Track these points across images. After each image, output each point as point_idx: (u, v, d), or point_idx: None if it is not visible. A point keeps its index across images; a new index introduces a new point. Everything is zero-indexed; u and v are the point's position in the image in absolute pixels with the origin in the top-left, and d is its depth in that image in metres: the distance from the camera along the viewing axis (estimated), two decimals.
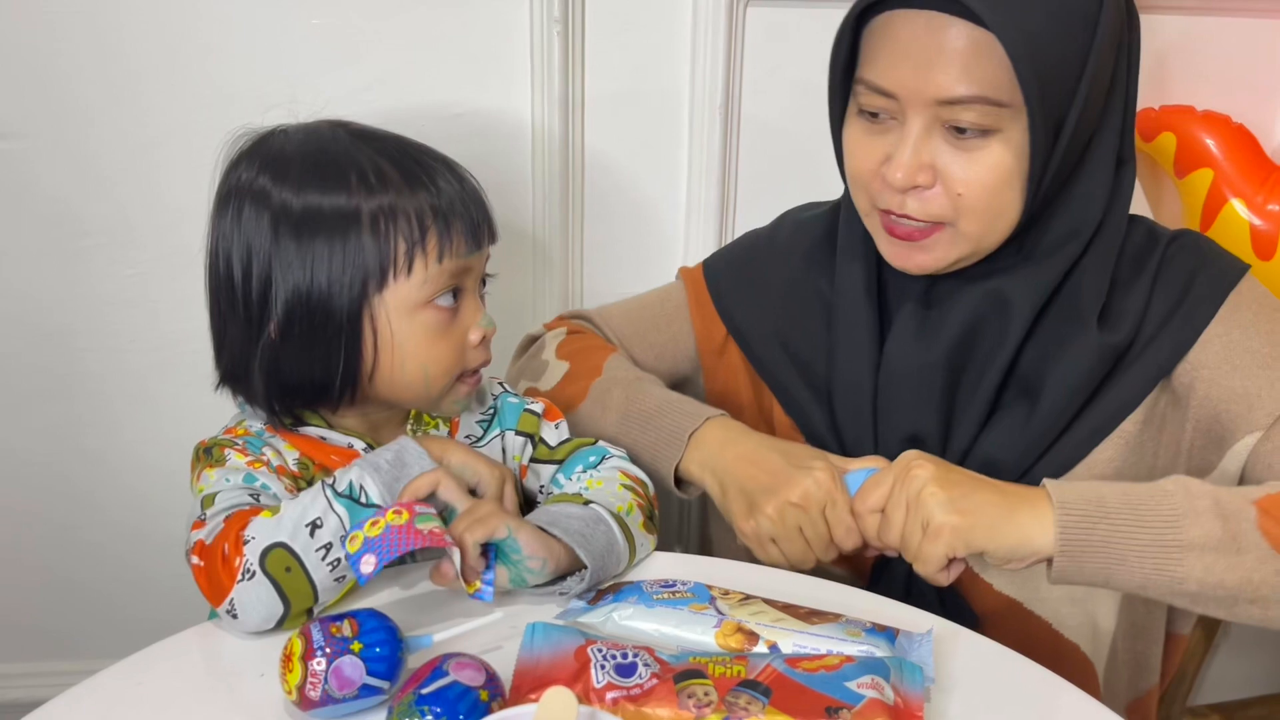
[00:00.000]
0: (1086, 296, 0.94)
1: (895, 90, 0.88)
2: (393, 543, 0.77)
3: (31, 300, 1.33)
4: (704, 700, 0.70)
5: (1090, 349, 0.93)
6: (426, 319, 0.89)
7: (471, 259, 0.91)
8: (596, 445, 0.99)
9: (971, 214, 0.90)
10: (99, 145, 1.27)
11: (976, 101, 0.86)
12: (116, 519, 1.42)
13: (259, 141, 0.91)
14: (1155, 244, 0.98)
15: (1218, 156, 1.39)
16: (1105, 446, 0.95)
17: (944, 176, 0.89)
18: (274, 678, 0.74)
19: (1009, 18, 0.83)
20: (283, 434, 0.93)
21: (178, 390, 1.38)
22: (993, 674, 0.80)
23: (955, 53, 0.85)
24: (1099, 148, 0.93)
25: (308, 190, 0.87)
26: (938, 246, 0.92)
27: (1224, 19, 1.43)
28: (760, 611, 0.81)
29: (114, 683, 0.78)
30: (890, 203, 0.91)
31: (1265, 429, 0.91)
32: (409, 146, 0.92)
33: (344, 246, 0.86)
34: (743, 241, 1.16)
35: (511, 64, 1.30)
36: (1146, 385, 0.95)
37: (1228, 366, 0.93)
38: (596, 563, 0.85)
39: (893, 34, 0.87)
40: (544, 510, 0.89)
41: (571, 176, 1.35)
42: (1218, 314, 0.94)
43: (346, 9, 1.26)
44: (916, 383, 0.97)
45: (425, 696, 0.68)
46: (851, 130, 0.94)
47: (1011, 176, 0.89)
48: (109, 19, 1.23)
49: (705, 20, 1.30)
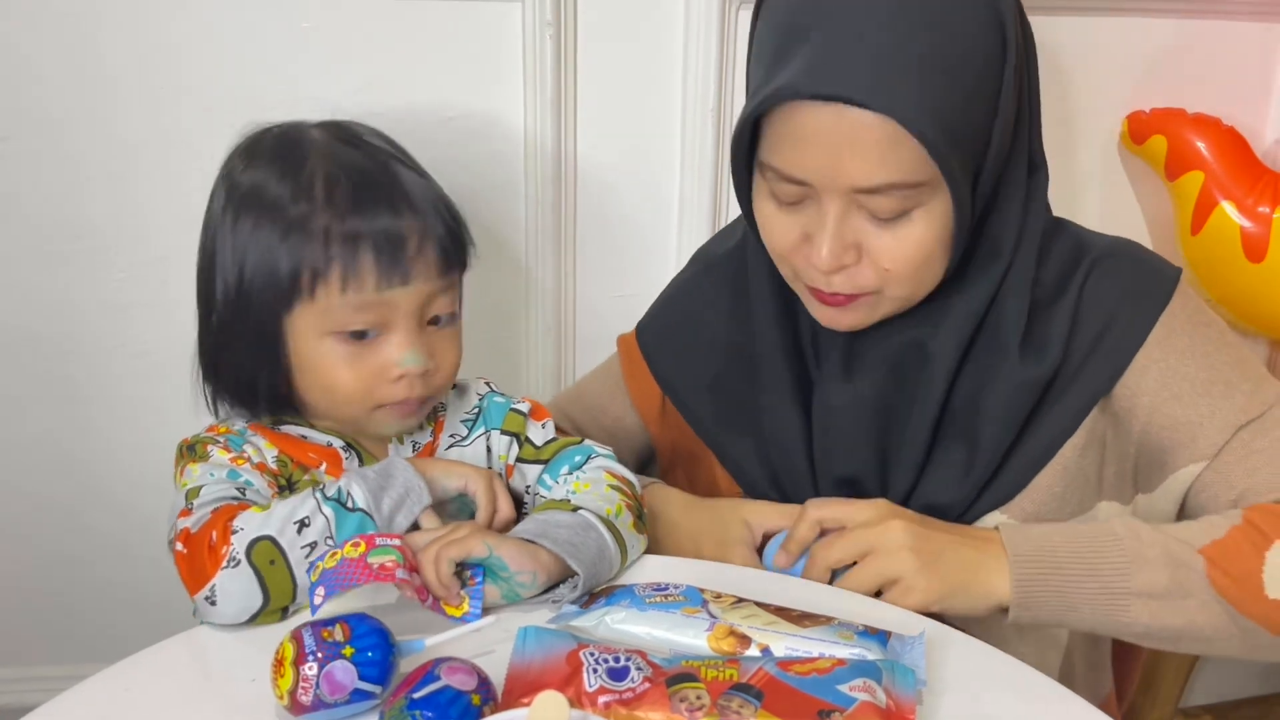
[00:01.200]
0: (1008, 324, 0.92)
1: (808, 179, 0.85)
2: (343, 577, 0.77)
3: (13, 305, 1.33)
4: (696, 704, 0.70)
5: (1015, 383, 0.92)
6: (333, 347, 0.88)
7: (391, 295, 0.87)
8: (583, 444, 0.99)
9: (899, 283, 0.89)
10: (83, 149, 1.27)
11: (894, 189, 0.83)
12: (101, 524, 1.42)
13: (259, 131, 0.94)
14: (1080, 259, 0.95)
15: (1209, 159, 1.40)
16: (1045, 474, 0.94)
17: (869, 253, 0.87)
18: (265, 682, 0.74)
19: (922, 111, 0.81)
20: (263, 432, 0.93)
21: (161, 396, 1.37)
22: (985, 676, 0.80)
23: (867, 144, 0.82)
24: (1013, 170, 0.91)
25: (258, 170, 0.90)
26: (862, 309, 0.91)
27: (1214, 22, 1.44)
28: (753, 615, 0.81)
29: (103, 688, 0.77)
30: (816, 281, 0.89)
31: (1209, 458, 0.91)
32: (379, 168, 0.90)
33: (268, 243, 0.87)
34: (667, 293, 1.13)
35: (504, 67, 1.30)
36: (1081, 412, 0.93)
37: (1167, 394, 0.92)
38: (588, 570, 0.85)
39: (799, 124, 0.83)
40: (532, 520, 0.89)
41: (564, 179, 1.35)
42: (1151, 335, 0.92)
43: (336, 13, 1.26)
44: (850, 424, 0.96)
45: (417, 701, 0.68)
46: (764, 208, 0.91)
47: (937, 243, 0.87)
48: (93, 23, 1.23)
49: (697, 23, 1.30)
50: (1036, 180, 0.94)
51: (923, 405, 0.94)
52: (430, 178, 0.94)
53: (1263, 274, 1.39)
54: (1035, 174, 0.93)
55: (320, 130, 0.93)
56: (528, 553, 0.83)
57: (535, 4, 1.26)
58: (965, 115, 0.84)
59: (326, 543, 0.82)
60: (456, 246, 0.92)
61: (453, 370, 0.94)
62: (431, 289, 0.90)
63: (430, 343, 0.91)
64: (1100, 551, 0.86)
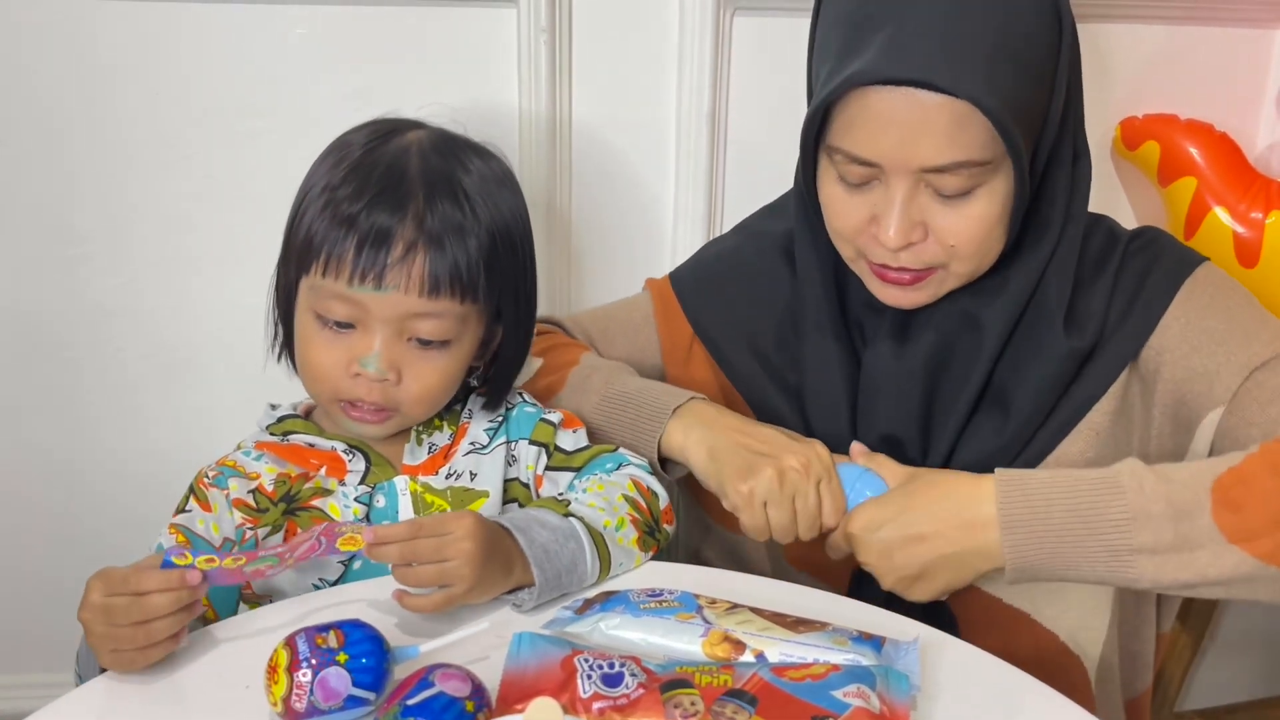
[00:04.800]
0: (1052, 301, 0.96)
1: (879, 160, 0.89)
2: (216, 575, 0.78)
3: (7, 309, 1.33)
4: (690, 710, 0.70)
5: (1058, 355, 0.95)
6: (314, 324, 0.91)
7: (364, 295, 0.88)
8: (616, 453, 0.99)
9: (964, 259, 0.92)
10: (77, 155, 1.27)
11: (962, 167, 0.88)
12: (97, 531, 1.42)
13: (394, 118, 0.98)
14: (1115, 244, 1.00)
15: (1201, 165, 1.40)
16: (1075, 439, 0.97)
17: (935, 230, 0.91)
18: (259, 689, 0.74)
19: (990, 90, 0.85)
20: (272, 449, 0.95)
21: (158, 402, 1.37)
22: (978, 682, 0.81)
23: (938, 125, 0.86)
24: (1061, 150, 0.95)
25: (348, 138, 0.94)
26: (930, 286, 0.95)
27: (1207, 28, 1.44)
28: (747, 620, 0.81)
29: (99, 695, 0.77)
30: (883, 258, 0.93)
31: (1225, 403, 0.92)
32: (428, 175, 0.90)
33: (307, 206, 0.90)
34: (708, 251, 1.17)
35: (499, 73, 1.30)
36: (1110, 376, 0.97)
37: (1187, 347, 0.94)
38: (549, 581, 0.85)
39: (872, 108, 0.87)
40: (522, 512, 0.90)
41: (559, 184, 1.35)
42: (1175, 299, 0.95)
43: (330, 19, 1.26)
44: (896, 391, 0.98)
45: (411, 708, 0.68)
46: (832, 191, 0.94)
47: (998, 221, 0.91)
48: (88, 29, 1.22)
49: (692, 29, 1.30)
50: (1080, 167, 0.97)
51: (970, 377, 0.97)
52: (495, 216, 0.92)
53: (1255, 279, 1.39)
54: (1079, 161, 0.97)
55: (413, 125, 0.95)
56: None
57: (530, 10, 1.26)
58: (1027, 95, 0.88)
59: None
60: (455, 278, 0.89)
61: (424, 394, 0.93)
62: (412, 306, 0.88)
63: (403, 357, 0.91)
64: (1100, 508, 0.85)
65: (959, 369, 0.98)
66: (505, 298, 0.94)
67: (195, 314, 1.34)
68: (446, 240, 0.89)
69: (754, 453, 0.95)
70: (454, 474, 0.97)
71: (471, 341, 0.94)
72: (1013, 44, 0.87)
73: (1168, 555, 0.84)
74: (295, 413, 0.99)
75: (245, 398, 1.05)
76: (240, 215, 1.30)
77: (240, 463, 0.95)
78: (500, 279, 0.92)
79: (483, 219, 0.91)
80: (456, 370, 0.94)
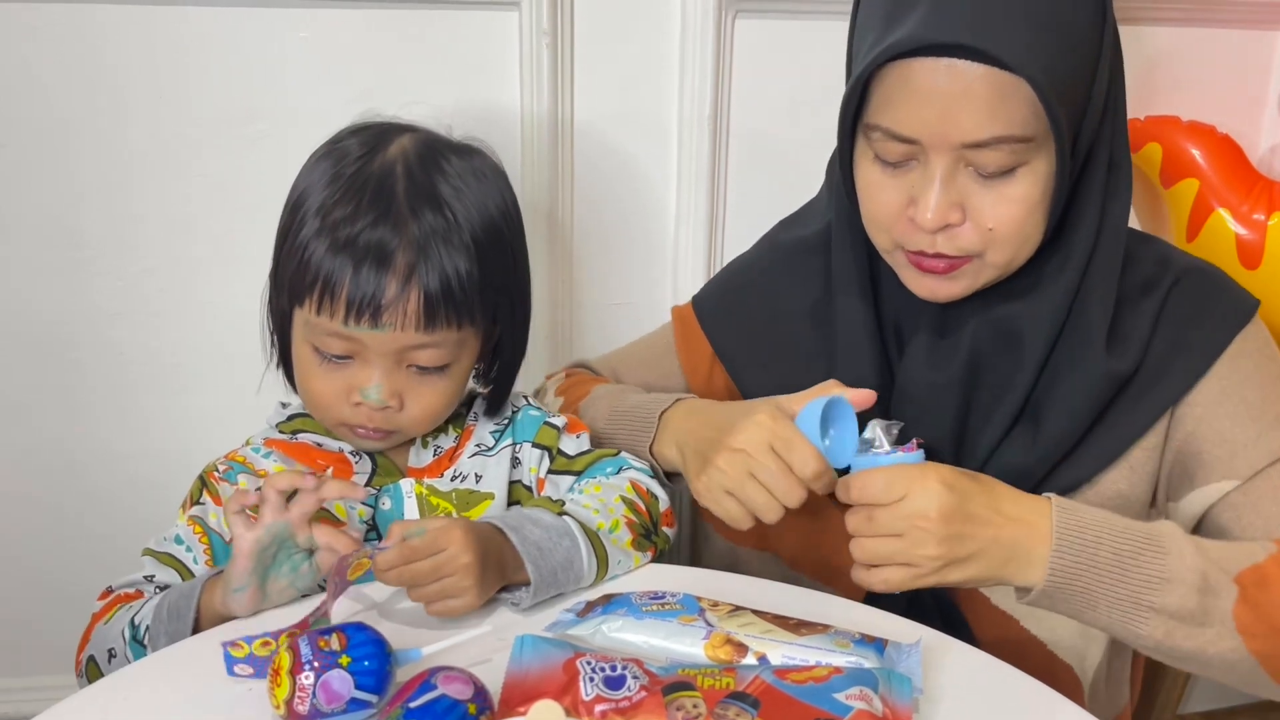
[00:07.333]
0: (1094, 317, 0.94)
1: (918, 136, 0.87)
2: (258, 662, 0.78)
3: (11, 313, 1.33)
4: (693, 712, 0.70)
5: (1097, 375, 0.93)
6: (312, 355, 0.91)
7: (360, 333, 0.87)
8: (618, 456, 0.99)
9: (1001, 245, 0.90)
10: (80, 158, 1.27)
11: (1003, 142, 0.86)
12: (100, 533, 1.42)
13: (375, 121, 0.97)
14: (1168, 268, 0.98)
15: (1203, 167, 1.40)
16: (1116, 472, 0.96)
17: (973, 213, 0.89)
18: (262, 692, 0.74)
19: (1032, 58, 0.83)
20: (280, 446, 0.96)
21: (161, 404, 1.37)
22: (981, 685, 0.80)
23: (980, 97, 0.84)
24: (1097, 156, 0.94)
25: (339, 147, 0.93)
26: (965, 276, 0.92)
27: (1209, 30, 1.44)
28: (749, 623, 0.81)
29: (101, 697, 0.77)
30: (920, 244, 0.91)
31: (1243, 480, 0.92)
32: (415, 200, 0.88)
33: (299, 226, 0.89)
34: (731, 269, 1.16)
35: (500, 75, 1.30)
36: (1155, 416, 0.95)
37: (1220, 410, 0.93)
38: (544, 578, 0.86)
39: (911, 81, 0.86)
40: (514, 511, 0.90)
41: (560, 187, 1.35)
42: (1225, 352, 0.94)
43: (332, 22, 1.26)
44: (931, 403, 0.96)
45: (413, 710, 0.68)
46: (868, 172, 0.93)
47: (1038, 205, 0.89)
48: (91, 32, 1.22)
49: (694, 31, 1.30)
50: (1118, 176, 0.95)
51: (1008, 392, 0.95)
52: (478, 218, 0.90)
53: (1258, 280, 1.39)
54: (1116, 170, 0.95)
55: (403, 128, 0.94)
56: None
57: (532, 12, 1.26)
58: (1070, 72, 0.86)
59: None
60: (451, 306, 0.88)
61: (426, 415, 0.93)
62: (410, 340, 0.88)
63: (403, 384, 0.91)
64: (1141, 561, 0.85)
65: (996, 382, 0.96)
66: (500, 296, 0.93)
67: (198, 317, 1.35)
68: (442, 269, 0.87)
69: (707, 444, 0.93)
70: (459, 476, 0.97)
71: (470, 358, 0.95)
72: (1057, 19, 0.85)
73: (1181, 624, 0.84)
74: (305, 411, 0.99)
75: (246, 400, 1.05)
76: (243, 219, 1.30)
77: (249, 459, 0.96)
78: (492, 279, 0.91)
79: (465, 226, 0.89)
80: (457, 388, 0.95)
